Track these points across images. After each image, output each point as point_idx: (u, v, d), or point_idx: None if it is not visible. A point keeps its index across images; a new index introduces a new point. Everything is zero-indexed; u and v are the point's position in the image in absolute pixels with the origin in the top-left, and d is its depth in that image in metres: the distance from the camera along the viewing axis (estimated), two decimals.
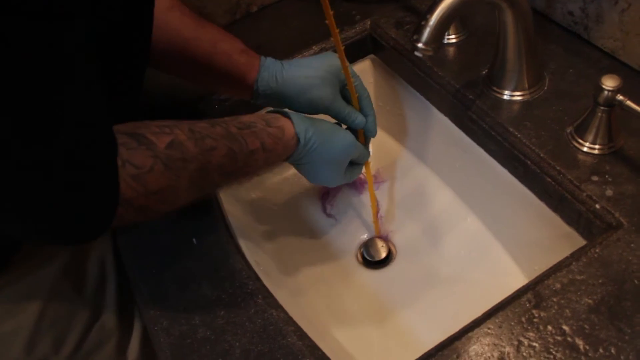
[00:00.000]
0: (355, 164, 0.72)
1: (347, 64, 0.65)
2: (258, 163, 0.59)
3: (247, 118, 0.61)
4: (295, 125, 0.62)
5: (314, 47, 0.82)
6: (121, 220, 0.48)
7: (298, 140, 0.62)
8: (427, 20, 0.56)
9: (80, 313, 0.67)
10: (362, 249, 0.79)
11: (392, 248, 0.79)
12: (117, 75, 0.56)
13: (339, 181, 0.70)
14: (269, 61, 0.68)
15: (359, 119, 0.69)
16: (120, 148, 0.47)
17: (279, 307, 0.57)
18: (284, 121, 0.62)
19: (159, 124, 0.52)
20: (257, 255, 0.69)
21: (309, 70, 0.67)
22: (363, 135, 0.72)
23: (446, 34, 0.77)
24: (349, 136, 0.67)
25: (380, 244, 0.78)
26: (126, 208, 0.47)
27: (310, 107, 0.68)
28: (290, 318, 0.56)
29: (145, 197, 0.48)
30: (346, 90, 0.69)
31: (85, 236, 0.47)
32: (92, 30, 0.43)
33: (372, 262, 0.77)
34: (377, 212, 0.78)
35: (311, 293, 0.75)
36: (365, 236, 0.80)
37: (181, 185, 0.51)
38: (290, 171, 0.87)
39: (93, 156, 0.44)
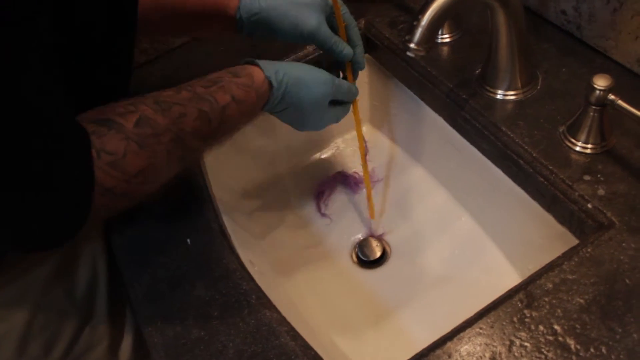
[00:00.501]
0: (341, 103, 0.69)
1: None
2: (234, 117, 0.58)
3: (213, 75, 0.59)
4: (264, 69, 0.60)
5: (308, 47, 0.82)
6: (108, 211, 0.48)
7: (270, 84, 0.60)
8: (419, 20, 0.56)
9: (71, 316, 0.67)
10: (356, 249, 0.79)
11: (387, 247, 0.79)
12: (101, 52, 0.55)
13: (325, 123, 0.68)
14: None
15: (346, 49, 0.66)
16: (91, 137, 0.45)
17: (272, 307, 0.57)
18: (251, 69, 0.60)
19: (123, 104, 0.50)
20: (251, 256, 0.69)
21: None
22: (351, 69, 0.69)
23: (440, 33, 0.77)
24: (324, 73, 0.65)
25: (374, 244, 0.79)
26: (109, 197, 0.46)
27: (294, 33, 0.66)
28: (284, 318, 0.56)
29: (127, 182, 0.47)
30: (333, 20, 0.67)
31: (67, 234, 0.46)
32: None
33: (367, 262, 0.78)
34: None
35: (306, 292, 0.75)
36: (359, 236, 0.81)
37: (159, 161, 0.50)
38: (285, 169, 0.87)
39: (66, 152, 0.44)
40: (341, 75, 0.70)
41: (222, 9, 0.66)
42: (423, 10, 0.56)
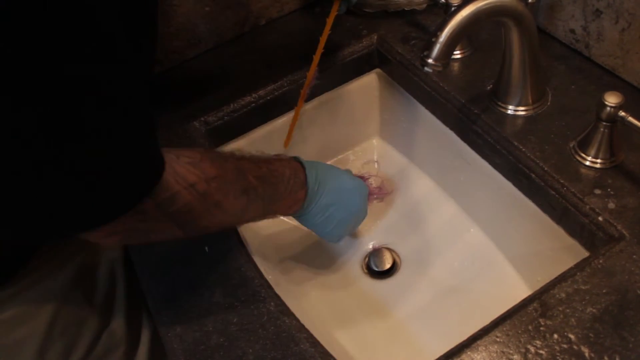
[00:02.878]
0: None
1: None
2: (280, 171, 0.62)
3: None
4: (300, 161, 0.66)
5: (322, 61, 0.83)
6: (190, 212, 0.51)
7: (305, 173, 0.65)
8: (437, 36, 0.58)
9: (90, 320, 0.68)
10: (367, 259, 0.80)
11: (397, 258, 0.80)
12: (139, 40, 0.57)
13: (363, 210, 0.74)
14: None
15: None
16: (168, 149, 0.49)
17: (291, 314, 0.58)
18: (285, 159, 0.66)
19: None
20: (265, 265, 0.70)
21: None
22: None
23: None
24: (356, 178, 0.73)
25: (385, 255, 0.80)
26: (192, 193, 0.50)
27: None
28: (303, 325, 0.57)
29: (206, 182, 0.51)
30: None
31: (126, 202, 0.46)
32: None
33: (377, 272, 0.79)
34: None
35: (317, 302, 0.76)
36: (370, 246, 0.82)
37: (229, 177, 0.55)
38: None
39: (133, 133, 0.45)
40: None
41: None
42: (442, 27, 0.58)
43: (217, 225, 0.56)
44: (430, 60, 0.59)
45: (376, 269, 0.79)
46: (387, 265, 0.79)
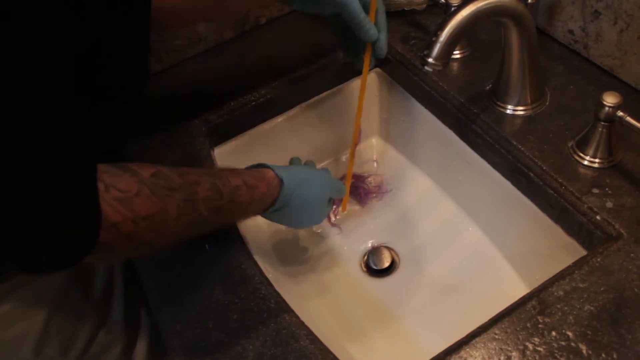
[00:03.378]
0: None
1: None
2: (244, 200, 0.59)
3: (227, 167, 0.62)
4: (274, 169, 0.63)
5: (321, 60, 0.84)
6: (109, 250, 0.46)
7: (281, 181, 0.63)
8: (437, 36, 0.58)
9: (87, 317, 0.69)
10: (366, 258, 0.81)
11: (396, 257, 0.81)
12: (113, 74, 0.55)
13: (323, 218, 0.72)
14: None
15: (372, 30, 0.68)
16: (102, 175, 0.45)
17: (291, 311, 0.59)
18: (263, 169, 0.63)
19: (140, 162, 0.51)
20: (265, 262, 0.70)
21: None
22: (370, 52, 0.71)
23: None
24: (326, 173, 0.71)
25: (384, 253, 0.80)
26: (113, 234, 0.45)
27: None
28: (303, 322, 0.58)
29: (134, 223, 0.46)
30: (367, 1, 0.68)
31: (64, 262, 0.44)
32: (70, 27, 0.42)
33: (376, 271, 0.79)
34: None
35: (316, 300, 0.76)
36: (369, 245, 0.82)
37: (170, 213, 0.50)
38: None
39: (70, 175, 0.42)
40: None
41: None
42: (442, 27, 0.58)
43: (146, 254, 0.53)
44: (430, 60, 0.59)
45: (375, 268, 0.79)
46: (386, 264, 0.79)
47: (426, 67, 0.60)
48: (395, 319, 0.75)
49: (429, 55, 0.59)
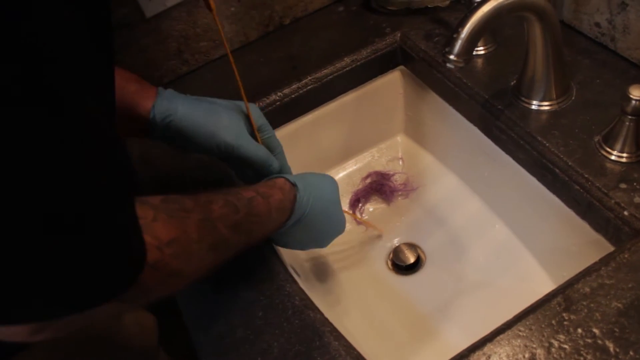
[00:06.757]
0: None
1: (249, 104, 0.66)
2: (261, 209, 0.56)
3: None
4: (283, 176, 0.62)
5: (345, 59, 0.84)
6: (141, 288, 0.41)
7: (293, 184, 0.61)
8: (458, 32, 0.58)
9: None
10: (391, 255, 0.81)
11: (422, 254, 0.81)
12: None
13: (344, 220, 0.70)
14: (169, 92, 0.63)
15: (275, 163, 0.66)
16: None
17: (315, 308, 0.59)
18: (272, 178, 0.62)
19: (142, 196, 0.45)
20: (290, 260, 0.71)
21: (215, 100, 0.66)
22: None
23: None
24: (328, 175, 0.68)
25: (410, 250, 0.80)
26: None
27: (211, 142, 0.62)
28: (327, 319, 0.58)
29: (159, 250, 0.42)
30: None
31: (104, 297, 0.39)
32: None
33: (402, 268, 0.79)
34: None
35: (341, 297, 0.77)
36: (395, 242, 0.82)
37: (190, 235, 0.46)
38: None
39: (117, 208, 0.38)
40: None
41: (134, 105, 0.61)
42: (463, 23, 0.58)
43: (171, 294, 0.46)
44: (452, 57, 0.59)
45: (401, 265, 0.79)
46: (412, 260, 0.79)
47: (448, 64, 0.59)
48: (420, 316, 0.75)
49: (450, 52, 0.59)
